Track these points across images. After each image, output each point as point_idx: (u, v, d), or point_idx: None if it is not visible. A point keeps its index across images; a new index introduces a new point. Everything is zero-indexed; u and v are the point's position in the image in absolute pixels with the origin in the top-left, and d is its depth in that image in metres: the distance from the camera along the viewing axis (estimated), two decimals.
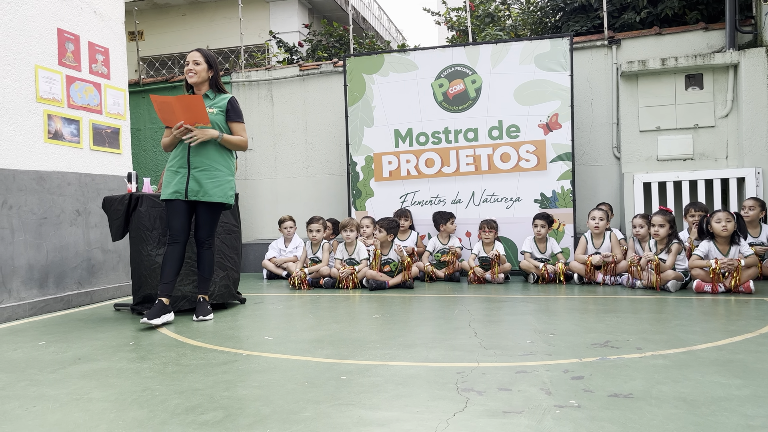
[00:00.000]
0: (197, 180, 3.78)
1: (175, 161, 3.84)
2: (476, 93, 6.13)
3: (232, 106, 3.90)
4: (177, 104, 3.62)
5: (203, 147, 3.79)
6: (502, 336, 3.14)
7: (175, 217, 3.82)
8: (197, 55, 3.86)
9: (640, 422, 1.82)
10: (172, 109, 3.64)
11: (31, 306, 4.31)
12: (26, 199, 4.36)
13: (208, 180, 3.79)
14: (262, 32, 10.15)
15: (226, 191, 3.86)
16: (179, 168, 3.81)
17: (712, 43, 6.16)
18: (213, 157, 3.82)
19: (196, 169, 3.78)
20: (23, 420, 2.03)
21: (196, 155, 3.79)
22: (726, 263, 4.33)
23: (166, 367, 2.66)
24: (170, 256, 3.81)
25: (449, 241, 5.85)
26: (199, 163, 3.79)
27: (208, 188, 3.79)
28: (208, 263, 3.96)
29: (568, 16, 7.32)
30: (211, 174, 3.80)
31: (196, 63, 3.84)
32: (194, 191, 3.77)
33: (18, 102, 4.35)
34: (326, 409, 2.03)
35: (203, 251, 3.95)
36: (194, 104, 3.62)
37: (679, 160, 6.14)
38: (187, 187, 3.77)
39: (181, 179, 3.79)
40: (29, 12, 4.47)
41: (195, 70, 3.83)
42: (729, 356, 2.59)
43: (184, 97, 3.66)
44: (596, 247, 5.27)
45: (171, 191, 3.80)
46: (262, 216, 7.52)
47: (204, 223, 3.89)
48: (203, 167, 3.79)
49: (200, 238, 3.93)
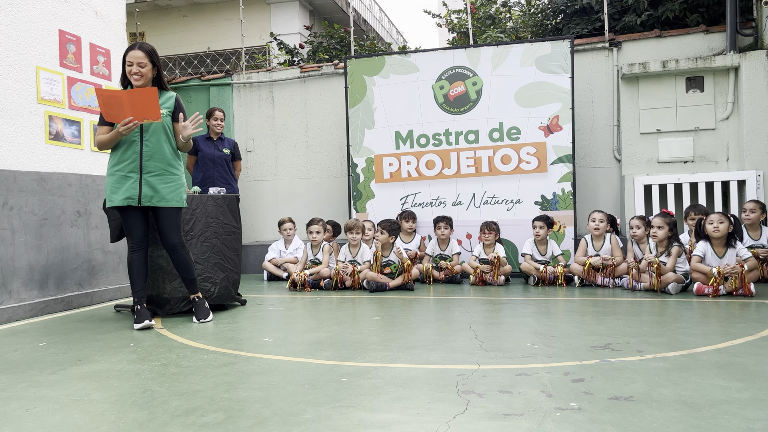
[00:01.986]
0: (151, 185, 3.59)
1: (124, 165, 3.58)
2: (477, 95, 6.14)
3: (178, 104, 3.72)
4: (127, 99, 3.39)
5: (158, 150, 3.60)
6: (502, 338, 3.13)
7: (134, 225, 3.67)
8: (141, 55, 3.56)
9: (641, 425, 1.82)
10: (120, 103, 3.39)
11: (32, 307, 4.31)
12: (27, 200, 4.36)
13: (163, 185, 3.62)
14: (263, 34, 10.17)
15: (181, 194, 3.71)
16: (130, 172, 3.57)
17: (713, 46, 6.16)
18: (167, 160, 3.65)
19: (149, 174, 3.58)
20: (23, 421, 2.03)
21: (150, 159, 3.58)
22: (728, 272, 4.33)
23: (166, 369, 2.66)
24: (137, 264, 3.72)
25: (448, 246, 5.84)
26: (153, 167, 3.59)
27: (165, 193, 3.62)
28: (186, 265, 3.80)
29: (568, 18, 7.32)
30: (166, 178, 3.63)
31: (141, 65, 3.56)
32: (148, 197, 3.59)
33: (19, 103, 4.36)
34: (327, 411, 2.03)
35: (177, 256, 3.77)
36: (147, 98, 3.37)
37: (680, 163, 6.14)
38: (141, 193, 3.57)
39: (133, 184, 3.57)
40: (31, 13, 4.47)
41: (141, 72, 3.56)
42: (730, 359, 2.59)
43: (136, 90, 3.42)
44: (596, 249, 5.27)
45: (122, 197, 3.57)
46: (263, 217, 7.52)
47: (168, 229, 3.70)
48: (157, 171, 3.60)
49: (171, 244, 3.73)
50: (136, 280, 3.74)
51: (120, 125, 3.45)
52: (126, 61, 3.61)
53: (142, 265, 3.75)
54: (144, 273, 3.77)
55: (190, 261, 3.84)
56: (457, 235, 6.08)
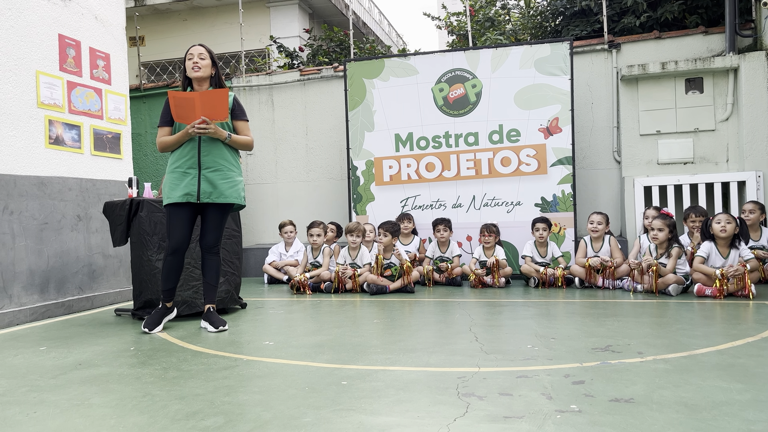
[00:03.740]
0: (210, 181, 3.58)
1: (183, 161, 3.59)
2: (476, 97, 6.14)
3: (237, 104, 3.77)
4: (199, 100, 3.47)
5: (215, 146, 3.61)
6: (502, 340, 3.13)
7: (179, 224, 3.62)
8: (202, 50, 3.69)
9: (642, 427, 1.82)
10: (192, 105, 3.47)
11: (32, 311, 4.31)
12: (27, 205, 4.37)
13: (222, 180, 3.61)
14: (263, 37, 10.18)
15: (239, 191, 3.70)
16: (189, 168, 3.58)
17: (712, 47, 6.17)
18: (225, 156, 3.65)
19: (208, 170, 3.58)
20: (24, 426, 2.03)
21: (208, 155, 3.59)
22: (731, 274, 4.32)
23: (166, 373, 2.66)
24: (169, 267, 3.66)
25: (448, 248, 5.84)
26: (211, 162, 3.59)
27: (223, 189, 3.61)
28: (216, 270, 3.77)
29: (568, 20, 7.33)
30: (224, 174, 3.63)
31: (201, 57, 3.66)
32: (207, 193, 3.58)
33: (19, 107, 4.36)
34: (327, 414, 2.03)
35: (211, 258, 3.76)
36: (218, 99, 3.47)
37: (680, 164, 6.14)
38: (200, 189, 3.57)
39: (192, 180, 3.57)
40: (31, 18, 4.48)
41: (201, 64, 3.65)
42: (730, 360, 2.58)
43: (209, 92, 3.51)
44: (596, 250, 5.27)
45: (181, 193, 3.56)
46: (263, 221, 7.52)
47: (213, 228, 3.71)
48: (216, 167, 3.60)
49: (208, 244, 3.73)
50: (168, 279, 3.68)
51: (190, 127, 3.50)
52: (186, 57, 3.70)
53: (177, 270, 3.68)
54: (177, 276, 3.70)
55: (219, 268, 3.81)
56: (457, 238, 6.08)
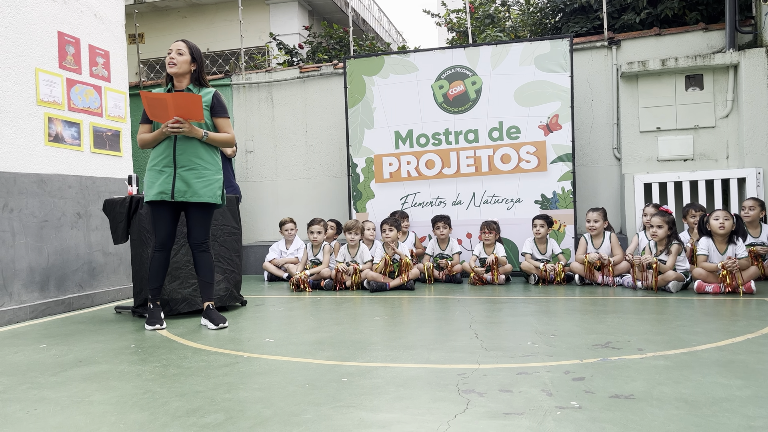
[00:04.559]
0: (184, 179, 3.58)
1: (159, 160, 3.61)
2: (476, 94, 6.14)
3: (217, 100, 3.71)
4: (172, 101, 3.47)
5: (190, 145, 3.59)
6: (503, 337, 3.13)
7: (161, 222, 3.67)
8: (181, 45, 3.65)
9: (642, 423, 1.82)
10: (165, 105, 3.48)
11: (32, 309, 4.31)
12: (27, 202, 4.36)
13: (196, 179, 3.60)
14: (263, 34, 10.16)
15: (215, 190, 3.66)
16: (164, 167, 3.59)
17: (712, 44, 6.16)
18: (200, 155, 3.63)
19: (182, 168, 3.58)
20: (24, 423, 2.03)
21: (183, 153, 3.58)
22: (730, 265, 4.31)
23: (167, 370, 2.66)
24: (158, 264, 3.72)
25: (448, 245, 5.84)
26: (186, 161, 3.58)
27: (197, 188, 3.60)
28: (208, 267, 3.77)
29: (567, 17, 7.32)
30: (199, 173, 3.61)
31: (179, 53, 3.63)
32: (181, 191, 3.58)
33: (18, 105, 4.36)
34: (327, 411, 2.03)
35: (201, 255, 3.74)
36: (191, 102, 3.48)
37: (680, 161, 6.14)
38: (174, 187, 3.57)
39: (167, 179, 3.58)
40: (30, 15, 4.47)
41: (176, 60, 3.62)
42: (730, 357, 2.58)
43: (182, 94, 3.52)
44: (596, 247, 5.27)
45: (156, 191, 3.58)
46: (263, 218, 7.52)
47: (197, 225, 3.70)
48: (191, 166, 3.59)
49: (196, 241, 3.72)
50: (155, 278, 3.74)
51: (164, 126, 3.51)
52: (168, 52, 3.68)
53: (163, 267, 3.74)
54: (163, 273, 3.76)
55: (212, 264, 3.80)
56: (457, 235, 6.08)
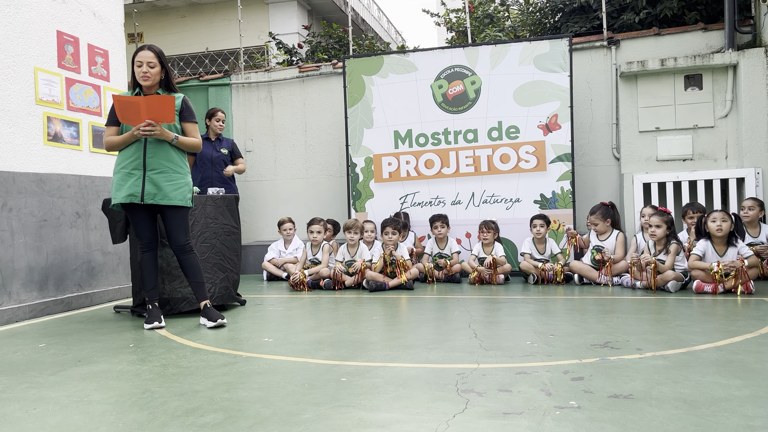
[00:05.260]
0: (154, 182, 3.58)
1: (128, 162, 3.58)
2: (476, 94, 6.14)
3: (186, 105, 3.74)
4: (144, 104, 3.45)
5: (160, 148, 3.60)
6: (502, 337, 3.14)
7: (141, 224, 3.69)
8: (151, 56, 3.61)
9: (641, 423, 1.82)
10: (137, 108, 3.46)
11: (31, 308, 4.31)
12: (26, 202, 4.36)
13: (167, 182, 3.60)
14: (262, 34, 10.16)
15: (185, 194, 3.68)
16: (133, 170, 3.57)
17: (711, 44, 6.16)
18: (171, 158, 3.63)
19: (153, 171, 3.58)
20: (23, 422, 2.03)
21: (153, 156, 3.58)
22: (728, 266, 4.32)
23: (166, 369, 2.66)
24: (147, 263, 3.75)
25: (446, 244, 5.84)
26: (156, 164, 3.58)
27: (168, 191, 3.60)
28: (196, 267, 3.77)
29: (567, 16, 7.32)
30: (169, 176, 3.61)
31: (150, 65, 3.60)
32: (151, 194, 3.57)
33: (17, 104, 4.35)
34: (326, 410, 2.03)
35: (186, 257, 3.74)
36: (164, 104, 3.47)
37: (679, 161, 6.14)
38: (144, 190, 3.56)
39: (136, 181, 3.56)
40: (29, 14, 4.47)
41: (150, 73, 3.61)
42: (729, 356, 2.59)
43: (154, 96, 3.52)
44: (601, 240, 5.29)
45: (125, 194, 3.56)
46: (262, 217, 7.52)
47: (174, 229, 3.69)
48: (161, 169, 3.59)
49: (178, 244, 3.71)
50: (148, 279, 3.76)
51: (135, 129, 3.49)
52: (135, 62, 3.63)
53: (153, 265, 3.78)
54: (155, 273, 3.79)
55: (198, 264, 3.80)
56: (456, 234, 6.08)
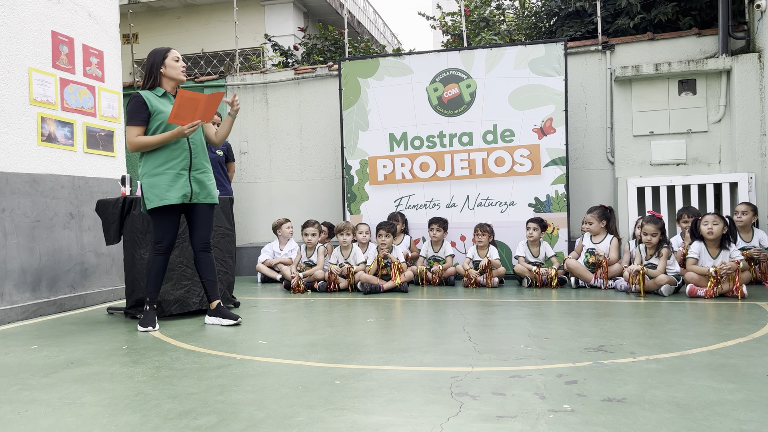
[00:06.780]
0: (199, 181, 3.70)
1: (176, 163, 3.62)
2: (471, 97, 6.15)
3: None
4: (204, 102, 3.52)
5: (201, 147, 3.75)
6: (496, 340, 3.14)
7: (170, 227, 3.69)
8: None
9: (634, 427, 1.83)
10: (196, 106, 3.50)
11: (24, 309, 4.28)
12: (19, 202, 4.34)
13: (209, 181, 3.77)
14: (258, 35, 10.15)
15: (217, 191, 3.87)
16: (182, 170, 3.63)
17: (705, 49, 6.20)
18: (207, 158, 3.81)
19: (197, 171, 3.70)
20: (15, 425, 2.01)
21: (197, 156, 3.71)
22: (725, 269, 4.34)
23: (159, 372, 2.65)
24: (158, 267, 3.72)
25: (441, 247, 5.84)
26: (199, 164, 3.72)
27: (211, 189, 3.77)
28: (212, 265, 3.84)
29: (562, 21, 7.35)
30: (208, 176, 3.78)
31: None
32: (197, 193, 3.69)
33: (11, 104, 4.33)
34: (320, 413, 2.03)
35: (206, 255, 3.80)
36: (216, 102, 3.57)
37: (673, 165, 6.17)
38: (192, 190, 3.66)
39: (186, 182, 3.64)
40: (23, 14, 4.45)
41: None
42: (722, 360, 2.60)
43: (211, 95, 3.57)
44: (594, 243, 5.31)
45: (179, 194, 3.59)
46: (257, 219, 7.51)
47: (204, 226, 3.78)
48: (203, 169, 3.74)
49: (203, 242, 3.78)
50: (154, 281, 3.73)
51: (187, 127, 3.53)
52: (171, 58, 3.74)
53: (163, 269, 3.75)
54: (162, 276, 3.78)
55: (214, 262, 3.88)
56: (450, 237, 6.08)
